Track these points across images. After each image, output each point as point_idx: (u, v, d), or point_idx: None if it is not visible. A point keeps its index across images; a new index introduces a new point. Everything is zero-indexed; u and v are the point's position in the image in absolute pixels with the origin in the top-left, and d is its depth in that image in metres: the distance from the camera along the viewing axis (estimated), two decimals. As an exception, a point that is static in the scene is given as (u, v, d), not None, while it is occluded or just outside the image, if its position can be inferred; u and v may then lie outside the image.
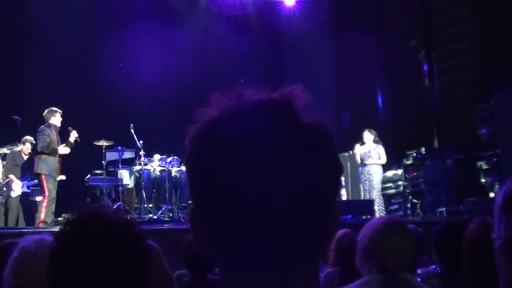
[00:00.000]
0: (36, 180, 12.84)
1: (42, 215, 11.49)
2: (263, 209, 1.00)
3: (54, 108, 12.01)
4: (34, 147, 12.75)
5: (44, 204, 11.54)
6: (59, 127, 12.04)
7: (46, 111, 11.97)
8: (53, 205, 11.77)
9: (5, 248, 3.52)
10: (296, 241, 1.03)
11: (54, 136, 11.75)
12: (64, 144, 11.94)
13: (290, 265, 1.04)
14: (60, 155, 11.88)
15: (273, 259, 1.03)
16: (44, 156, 11.62)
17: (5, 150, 13.50)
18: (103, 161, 13.79)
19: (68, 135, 12.08)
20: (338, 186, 1.10)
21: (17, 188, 12.90)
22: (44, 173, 11.56)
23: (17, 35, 16.31)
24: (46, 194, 11.56)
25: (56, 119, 11.93)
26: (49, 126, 11.78)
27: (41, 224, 11.34)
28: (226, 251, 1.06)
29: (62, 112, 12.25)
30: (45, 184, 11.58)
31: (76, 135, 12.10)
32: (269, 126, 1.04)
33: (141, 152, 13.84)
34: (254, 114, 1.05)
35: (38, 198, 12.45)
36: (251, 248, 1.03)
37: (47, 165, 11.60)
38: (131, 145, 14.21)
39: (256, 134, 1.02)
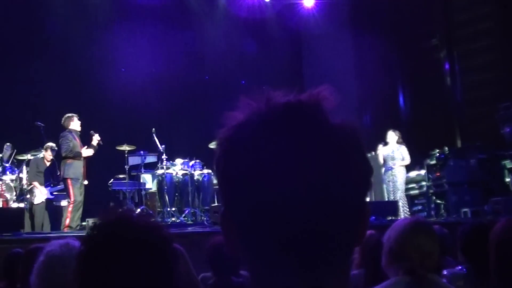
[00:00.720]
0: (59, 186, 12.95)
1: (67, 220, 11.56)
2: (293, 211, 1.00)
3: (70, 114, 12.16)
4: (57, 152, 12.85)
5: (70, 209, 11.63)
6: (80, 131, 12.15)
7: (63, 118, 12.11)
8: (80, 211, 11.84)
9: (32, 253, 3.56)
10: (326, 242, 1.03)
11: (76, 140, 11.86)
12: (87, 146, 12.05)
13: (320, 266, 1.04)
14: (84, 158, 11.98)
15: (303, 260, 1.03)
16: (69, 161, 11.72)
17: (29, 157, 13.62)
18: (125, 166, 13.85)
19: (91, 139, 12.19)
20: (368, 187, 1.09)
21: (40, 194, 12.98)
22: (70, 177, 11.66)
23: (37, 43, 16.47)
24: (72, 199, 11.64)
25: (75, 124, 12.06)
26: (70, 131, 11.90)
27: (66, 229, 11.41)
28: (256, 252, 1.06)
29: (85, 118, 12.35)
30: (71, 189, 11.67)
31: (99, 138, 12.26)
32: (298, 128, 1.03)
33: (163, 156, 13.87)
34: (282, 116, 1.05)
35: (63, 203, 12.52)
36: (281, 249, 1.03)
37: (73, 169, 11.72)
38: (153, 150, 14.25)
39: (285, 136, 1.02)
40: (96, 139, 12.22)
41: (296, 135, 1.02)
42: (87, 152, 12.01)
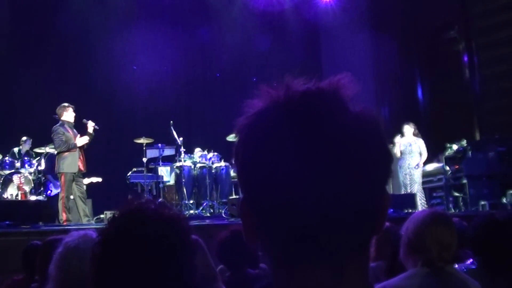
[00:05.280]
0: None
1: (64, 215, 11.44)
2: (313, 200, 1.00)
3: (66, 104, 11.94)
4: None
5: (60, 202, 11.48)
6: (73, 123, 11.95)
7: (58, 107, 11.95)
8: (80, 204, 11.68)
9: (50, 245, 3.59)
10: (347, 233, 1.03)
11: (69, 132, 11.65)
12: (79, 135, 11.84)
13: (340, 257, 1.03)
14: (81, 149, 11.80)
15: (324, 250, 1.02)
16: (64, 154, 11.55)
17: (47, 150, 13.68)
18: (143, 159, 13.89)
19: (86, 128, 12.00)
20: (388, 175, 1.08)
21: (54, 188, 13.00)
22: (64, 172, 11.53)
23: (54, 39, 16.54)
24: (63, 194, 11.51)
25: (68, 115, 11.84)
26: (62, 124, 11.70)
27: (65, 223, 11.30)
28: (276, 242, 1.06)
29: (103, 111, 12.31)
30: (62, 182, 11.55)
31: (93, 124, 11.98)
32: (317, 115, 1.03)
33: (181, 149, 13.88)
34: (302, 103, 1.04)
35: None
36: (301, 240, 1.02)
37: (68, 163, 11.55)
38: (171, 142, 14.28)
39: (304, 123, 1.02)
40: (91, 125, 11.96)
41: (315, 122, 1.02)
42: (82, 140, 11.74)
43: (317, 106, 1.04)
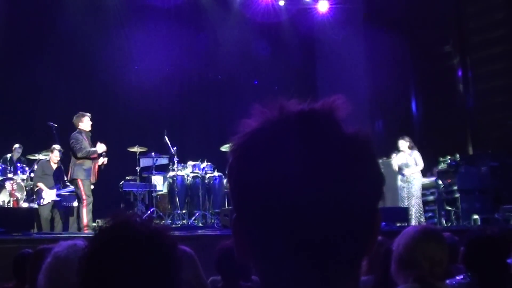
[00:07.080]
0: (68, 188, 12.84)
1: (85, 220, 11.39)
2: (304, 218, 1.01)
3: (82, 112, 11.92)
4: (63, 154, 12.82)
5: (85, 209, 11.45)
6: (90, 132, 11.96)
7: (74, 116, 11.91)
8: (91, 211, 11.72)
9: (40, 254, 3.57)
10: (337, 250, 1.04)
11: (86, 141, 11.66)
12: (99, 142, 11.82)
13: (331, 276, 1.04)
14: (96, 158, 11.78)
15: (315, 270, 1.03)
16: (79, 161, 11.54)
17: (40, 157, 13.62)
18: (137, 167, 13.87)
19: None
20: (379, 196, 1.09)
21: (47, 196, 12.89)
22: (80, 178, 11.50)
23: (49, 42, 16.44)
24: (84, 198, 11.46)
25: (85, 124, 11.82)
26: (80, 132, 11.70)
27: (85, 229, 11.26)
28: (267, 260, 1.07)
29: (97, 118, 12.26)
30: (82, 189, 11.49)
31: (104, 148, 11.93)
32: (311, 137, 1.04)
33: (175, 159, 13.85)
34: (295, 124, 1.05)
35: (75, 204, 12.44)
36: (292, 258, 1.03)
37: (82, 170, 11.52)
38: (164, 152, 14.25)
39: (298, 144, 1.03)
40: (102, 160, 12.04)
41: (309, 144, 1.03)
42: (101, 147, 11.75)
43: (311, 128, 1.05)
